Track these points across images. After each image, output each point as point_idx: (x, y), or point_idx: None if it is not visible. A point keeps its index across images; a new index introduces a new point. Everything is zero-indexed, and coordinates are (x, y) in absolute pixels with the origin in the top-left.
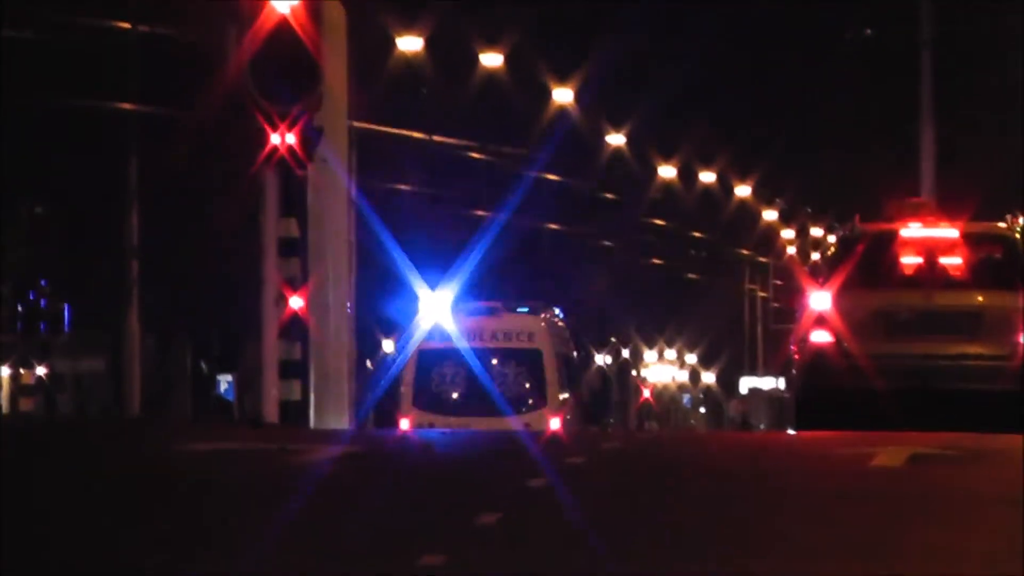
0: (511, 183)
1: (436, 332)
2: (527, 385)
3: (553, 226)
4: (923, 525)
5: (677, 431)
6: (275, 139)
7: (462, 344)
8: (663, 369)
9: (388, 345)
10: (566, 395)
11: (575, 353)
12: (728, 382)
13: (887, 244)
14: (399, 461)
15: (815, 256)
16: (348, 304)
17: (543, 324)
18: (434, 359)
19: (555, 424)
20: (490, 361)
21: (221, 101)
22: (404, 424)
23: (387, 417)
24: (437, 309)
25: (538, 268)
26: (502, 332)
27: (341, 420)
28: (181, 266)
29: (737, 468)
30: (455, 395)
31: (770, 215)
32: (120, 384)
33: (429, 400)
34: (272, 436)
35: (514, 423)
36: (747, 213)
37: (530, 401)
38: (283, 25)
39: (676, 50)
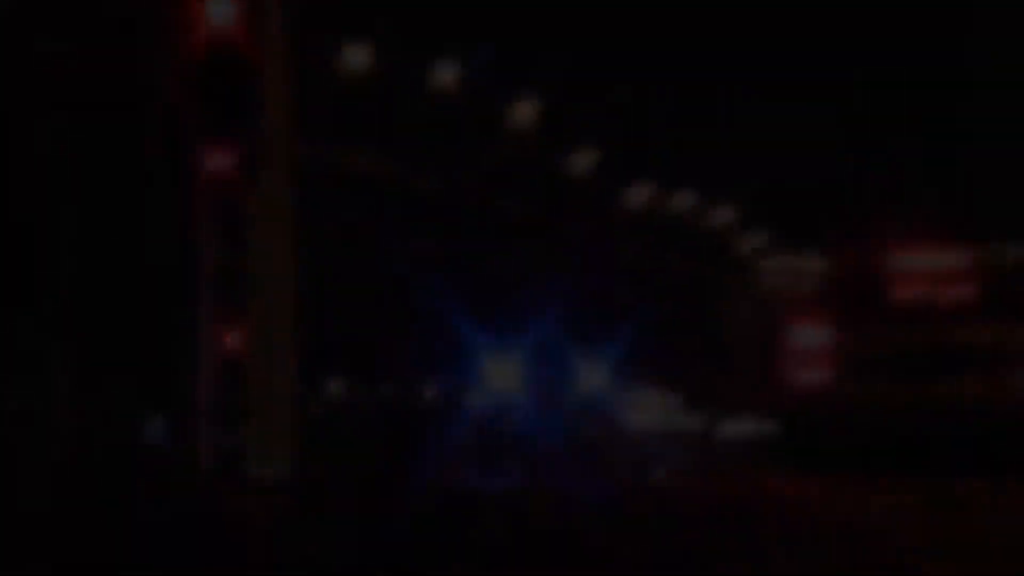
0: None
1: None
2: None
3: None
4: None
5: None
6: (213, 164)
7: None
8: None
9: (335, 386)
10: None
11: None
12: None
13: (879, 276)
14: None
15: (803, 289)
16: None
17: None
18: None
19: None
20: None
21: (159, 125)
22: None
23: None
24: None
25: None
26: None
27: (283, 463)
28: (112, 303)
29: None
30: None
31: (753, 242)
32: (47, 425)
33: None
34: (208, 481)
35: None
36: (728, 241)
37: None
38: (223, 49)
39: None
